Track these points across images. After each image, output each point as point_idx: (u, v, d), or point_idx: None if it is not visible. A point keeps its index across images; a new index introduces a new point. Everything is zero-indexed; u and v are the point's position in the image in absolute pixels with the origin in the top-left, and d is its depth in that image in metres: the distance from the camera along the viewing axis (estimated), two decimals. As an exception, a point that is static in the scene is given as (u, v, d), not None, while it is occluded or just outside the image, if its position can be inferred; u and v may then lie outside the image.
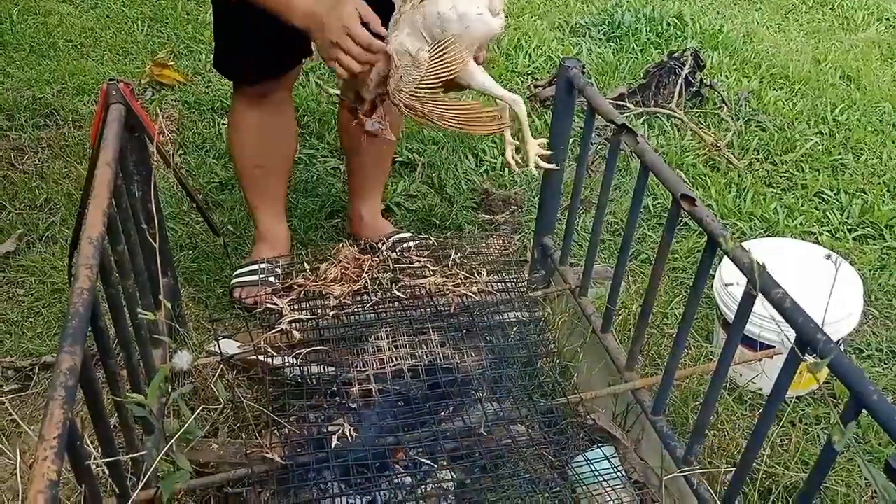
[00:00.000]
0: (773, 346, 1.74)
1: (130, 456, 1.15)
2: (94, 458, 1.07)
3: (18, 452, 1.54)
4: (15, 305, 2.00)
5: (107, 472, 1.10)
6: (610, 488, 1.44)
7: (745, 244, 1.97)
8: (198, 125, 2.76)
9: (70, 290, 0.96)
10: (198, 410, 0.99)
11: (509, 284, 1.72)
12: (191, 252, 2.20)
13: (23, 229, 2.23)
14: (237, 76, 1.91)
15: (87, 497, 0.94)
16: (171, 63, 3.07)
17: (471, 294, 1.67)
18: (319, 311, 1.61)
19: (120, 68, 3.10)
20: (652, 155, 1.39)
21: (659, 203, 2.48)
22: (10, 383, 1.79)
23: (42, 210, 2.32)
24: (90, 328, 0.96)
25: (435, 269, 1.72)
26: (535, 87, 3.05)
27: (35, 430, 1.50)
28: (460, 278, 1.71)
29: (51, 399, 0.81)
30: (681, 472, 1.36)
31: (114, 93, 1.36)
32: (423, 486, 1.45)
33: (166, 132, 2.65)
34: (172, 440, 1.06)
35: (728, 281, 1.77)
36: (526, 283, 1.82)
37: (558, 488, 1.47)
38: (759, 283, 1.07)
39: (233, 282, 2.03)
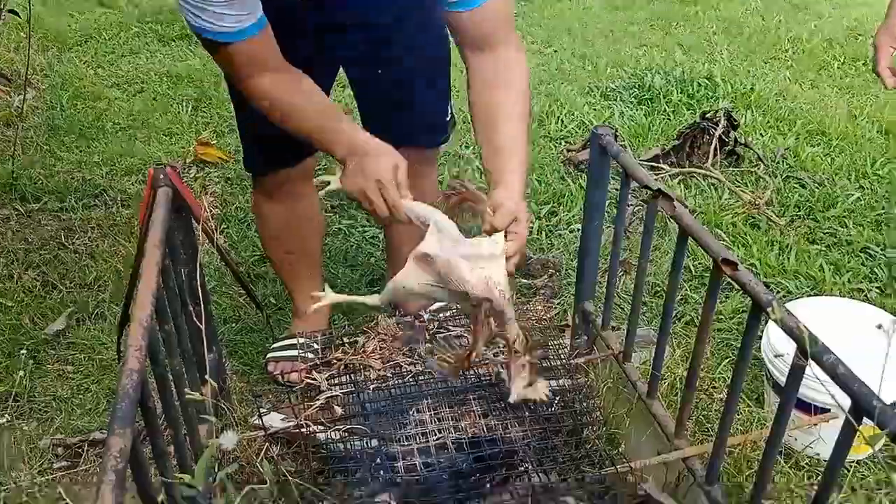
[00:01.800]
0: (829, 409, 1.68)
1: (177, 537, 1.14)
2: (143, 540, 1.07)
3: (67, 532, 1.54)
4: (65, 383, 2.04)
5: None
6: (664, 563, 1.39)
7: (791, 304, 1.93)
8: (239, 199, 2.84)
9: (119, 369, 0.98)
10: (244, 491, 0.99)
11: (550, 351, 1.71)
12: (234, 325, 2.24)
13: (73, 307, 2.29)
14: (254, 168, 1.95)
15: (135, 581, 0.94)
16: (214, 142, 3.18)
17: (512, 362, 1.65)
18: (360, 384, 1.61)
19: (166, 148, 3.22)
20: (689, 219, 1.39)
21: (700, 263, 2.45)
22: (59, 460, 1.81)
23: (91, 288, 2.38)
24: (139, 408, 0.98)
25: (475, 337, 1.71)
26: (569, 151, 3.08)
27: (83, 509, 1.51)
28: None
29: (102, 482, 0.81)
30: (738, 545, 1.30)
31: (161, 177, 1.41)
32: (470, 563, 1.42)
33: (209, 209, 2.73)
34: (219, 520, 1.06)
35: (778, 351, 1.73)
36: (567, 349, 1.80)
37: (610, 563, 1.42)
38: (810, 350, 1.04)
39: (268, 356, 2.05)
